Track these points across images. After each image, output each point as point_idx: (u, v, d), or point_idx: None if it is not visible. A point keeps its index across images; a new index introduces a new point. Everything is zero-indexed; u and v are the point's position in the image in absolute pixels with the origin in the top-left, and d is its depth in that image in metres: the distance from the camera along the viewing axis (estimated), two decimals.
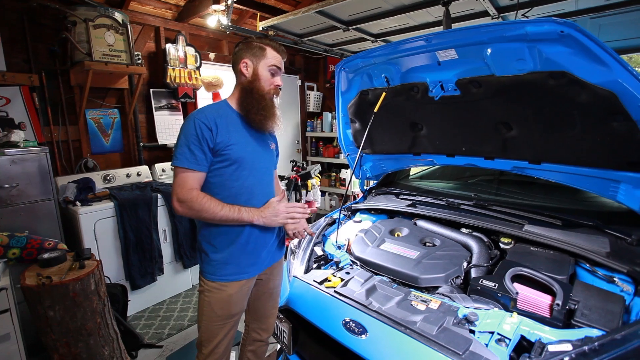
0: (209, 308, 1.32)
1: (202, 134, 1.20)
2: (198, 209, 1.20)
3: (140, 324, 2.63)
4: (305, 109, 5.26)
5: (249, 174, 1.31)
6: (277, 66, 1.33)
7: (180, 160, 1.21)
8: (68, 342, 1.72)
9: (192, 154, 1.20)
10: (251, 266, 1.36)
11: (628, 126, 1.18)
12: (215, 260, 1.31)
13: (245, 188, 1.30)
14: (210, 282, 1.31)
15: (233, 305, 1.34)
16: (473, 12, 2.49)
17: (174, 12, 3.55)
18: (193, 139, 1.20)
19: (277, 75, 1.35)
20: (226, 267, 1.31)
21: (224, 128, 1.25)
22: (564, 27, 1.07)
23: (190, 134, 1.20)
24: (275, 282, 1.53)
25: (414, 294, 1.30)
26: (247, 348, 1.60)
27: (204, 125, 1.21)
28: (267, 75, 1.31)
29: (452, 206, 1.84)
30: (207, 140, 1.21)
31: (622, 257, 1.26)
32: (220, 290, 1.31)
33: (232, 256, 1.31)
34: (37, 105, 2.65)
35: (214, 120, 1.23)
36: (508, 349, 1.00)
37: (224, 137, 1.24)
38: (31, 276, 1.71)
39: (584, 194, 1.75)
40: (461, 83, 1.47)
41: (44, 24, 2.70)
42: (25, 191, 2.21)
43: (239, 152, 1.28)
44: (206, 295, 1.33)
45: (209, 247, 1.32)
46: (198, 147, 1.20)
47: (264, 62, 1.30)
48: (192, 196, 1.20)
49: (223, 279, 1.31)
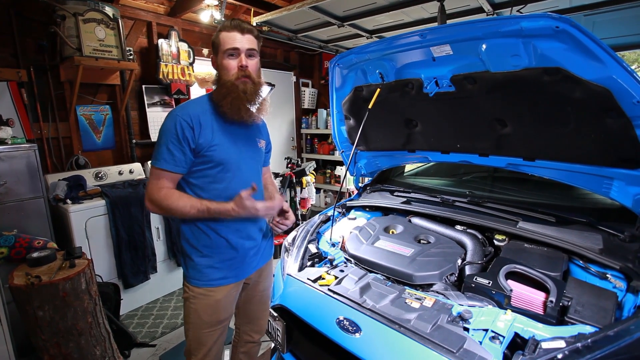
0: (195, 315, 1.26)
1: (184, 133, 1.14)
2: (166, 208, 1.16)
3: (133, 323, 2.60)
4: (300, 105, 5.23)
5: (234, 175, 1.25)
6: (233, 47, 1.20)
7: (159, 161, 1.16)
8: (58, 342, 1.70)
9: (170, 155, 1.15)
10: (239, 269, 1.31)
11: (622, 123, 1.18)
12: (201, 264, 1.25)
13: (230, 190, 1.23)
14: (196, 287, 1.25)
15: (222, 311, 1.30)
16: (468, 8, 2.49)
17: (166, 7, 3.49)
18: (173, 139, 1.14)
19: (237, 56, 1.21)
20: (213, 271, 1.25)
21: (207, 127, 1.19)
22: (559, 23, 1.07)
23: (171, 133, 1.15)
24: (266, 285, 1.50)
25: (408, 292, 1.29)
26: (239, 350, 1.57)
27: (185, 124, 1.15)
28: (227, 62, 1.21)
29: (447, 203, 1.84)
30: (188, 140, 1.15)
31: (615, 253, 1.26)
32: (207, 296, 1.25)
33: (218, 259, 1.26)
34: (26, 101, 2.59)
35: (197, 118, 1.17)
36: (502, 346, 1.00)
37: (207, 137, 1.18)
38: (20, 276, 1.68)
39: (578, 190, 1.76)
40: (456, 79, 1.46)
41: (32, 17, 2.64)
42: (13, 189, 2.16)
43: (222, 153, 1.22)
44: (192, 302, 1.26)
45: (193, 250, 1.26)
46: (178, 148, 1.15)
47: (220, 49, 1.21)
48: (160, 195, 1.16)
49: (210, 284, 1.25)
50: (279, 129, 4.99)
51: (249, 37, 1.22)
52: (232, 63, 1.21)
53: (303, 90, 5.18)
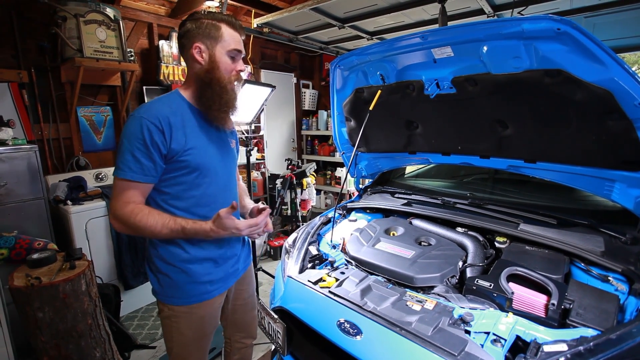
0: (178, 334, 1.17)
1: (152, 137, 1.00)
2: (134, 227, 1.01)
3: (133, 325, 2.60)
4: (300, 107, 5.23)
5: (211, 181, 1.14)
6: (237, 49, 1.12)
7: (123, 170, 1.01)
8: (58, 344, 1.69)
9: (136, 162, 1.00)
10: (222, 281, 1.23)
11: (623, 125, 1.18)
12: (180, 281, 1.14)
13: (206, 198, 1.14)
14: (176, 307, 1.15)
15: (207, 326, 1.23)
16: (469, 10, 2.49)
17: (167, 9, 3.50)
18: (139, 145, 1.00)
19: (238, 59, 1.15)
20: (194, 287, 1.15)
21: (179, 129, 1.06)
22: (560, 25, 1.06)
23: (136, 138, 1.00)
24: (250, 292, 1.46)
25: (409, 294, 1.29)
26: (233, 358, 1.52)
27: (154, 127, 1.00)
28: (226, 62, 1.11)
29: (448, 205, 1.83)
30: (158, 145, 1.01)
31: (617, 256, 1.26)
32: (190, 314, 1.16)
33: (198, 274, 1.15)
34: (27, 102, 2.59)
35: (166, 120, 1.03)
36: (503, 349, 1.00)
37: (180, 140, 1.05)
38: (20, 277, 1.68)
39: (579, 192, 1.75)
40: (457, 81, 1.46)
41: (33, 19, 2.64)
42: (14, 190, 2.16)
43: (198, 157, 1.10)
44: (173, 321, 1.16)
45: (169, 267, 1.13)
46: (145, 155, 1.00)
47: (222, 45, 1.09)
48: (126, 211, 1.01)
49: (191, 300, 1.15)
50: (280, 130, 4.99)
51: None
52: (231, 65, 1.13)
53: (303, 92, 5.19)
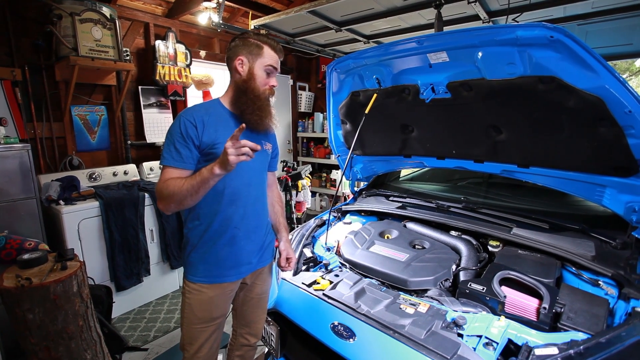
0: (189, 310, 1.30)
1: (187, 131, 1.19)
2: (167, 195, 1.15)
3: (125, 326, 2.57)
4: (296, 109, 5.24)
5: (235, 175, 1.23)
6: (273, 66, 1.30)
7: (167, 159, 1.20)
8: (48, 346, 1.66)
9: (177, 152, 1.19)
10: (233, 269, 1.32)
11: (614, 131, 1.20)
12: (195, 259, 1.29)
13: (230, 189, 1.26)
14: (191, 283, 1.29)
15: (214, 309, 1.31)
16: (464, 15, 2.51)
17: (164, 9, 3.49)
18: (178, 137, 1.19)
19: (272, 76, 1.32)
20: (205, 268, 1.28)
21: (211, 126, 1.22)
22: (553, 33, 1.08)
23: (176, 132, 1.20)
24: (263, 289, 1.49)
25: (403, 297, 1.29)
26: (235, 353, 1.57)
27: (189, 123, 1.19)
28: (262, 76, 1.28)
29: (442, 209, 1.84)
30: (192, 138, 1.19)
31: (607, 260, 1.28)
32: (200, 292, 1.28)
33: (210, 256, 1.28)
34: (20, 101, 2.56)
35: (200, 118, 1.21)
36: (495, 352, 1.00)
37: (211, 135, 1.21)
38: (10, 278, 1.65)
39: (571, 197, 1.77)
40: (452, 86, 1.47)
41: (27, 16, 2.62)
42: (5, 189, 2.13)
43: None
44: (187, 296, 1.30)
45: (190, 243, 1.30)
46: (183, 145, 1.19)
47: (261, 61, 1.27)
48: (163, 186, 1.17)
49: (202, 280, 1.28)
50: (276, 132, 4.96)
51: None
52: (266, 79, 1.29)
53: (300, 94, 5.19)
